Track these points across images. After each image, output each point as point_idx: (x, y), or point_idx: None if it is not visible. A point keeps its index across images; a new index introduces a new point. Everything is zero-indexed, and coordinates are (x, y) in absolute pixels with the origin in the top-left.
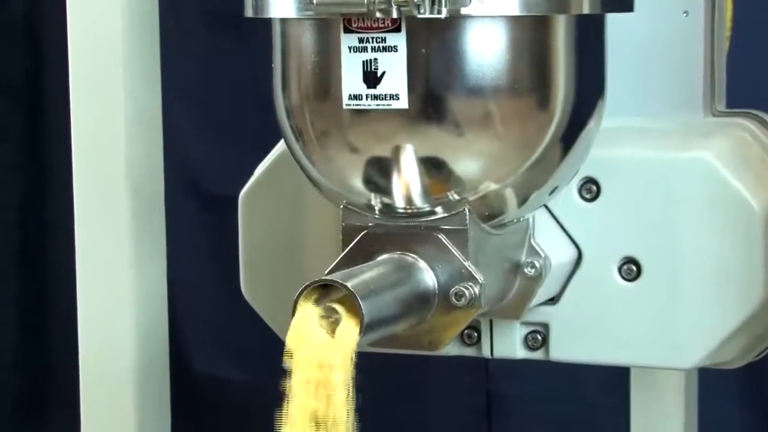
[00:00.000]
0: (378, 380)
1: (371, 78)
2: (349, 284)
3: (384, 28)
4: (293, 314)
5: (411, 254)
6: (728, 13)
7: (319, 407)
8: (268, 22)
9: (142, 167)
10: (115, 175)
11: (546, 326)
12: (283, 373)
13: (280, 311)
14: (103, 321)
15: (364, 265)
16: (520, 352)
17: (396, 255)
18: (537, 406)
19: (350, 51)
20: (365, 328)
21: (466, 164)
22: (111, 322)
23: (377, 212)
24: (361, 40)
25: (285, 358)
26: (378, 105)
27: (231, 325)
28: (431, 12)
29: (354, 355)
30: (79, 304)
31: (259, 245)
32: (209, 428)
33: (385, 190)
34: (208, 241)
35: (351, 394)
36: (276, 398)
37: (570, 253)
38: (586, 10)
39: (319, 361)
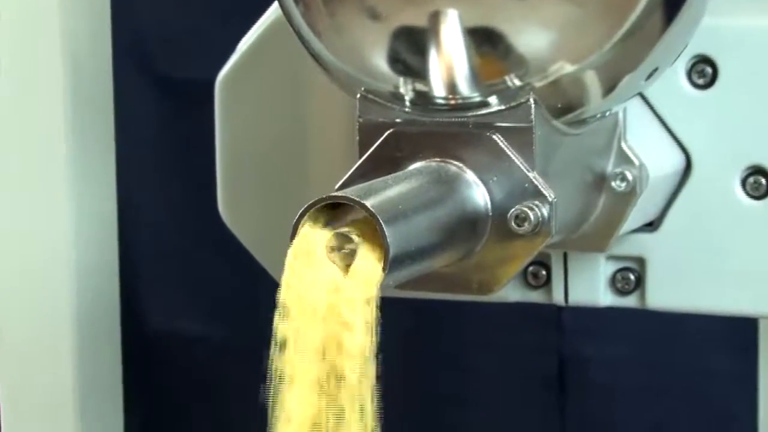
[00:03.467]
0: (410, 339)
1: None
2: (368, 202)
3: None
4: (291, 243)
5: (454, 162)
6: None
7: (327, 377)
8: None
9: (83, 42)
10: (50, 52)
11: (641, 262)
12: (272, 329)
13: (272, 240)
14: (31, 255)
15: (389, 176)
16: (606, 298)
17: (433, 163)
18: (626, 374)
19: None
20: (391, 263)
21: (531, 36)
22: (41, 257)
23: (408, 104)
24: None
25: (278, 307)
26: None
27: (201, 263)
28: None
29: (377, 301)
30: None
31: (242, 149)
32: (171, 399)
33: (418, 73)
34: (170, 144)
35: (372, 356)
36: (259, 363)
37: (675, 160)
38: None
39: (329, 309)
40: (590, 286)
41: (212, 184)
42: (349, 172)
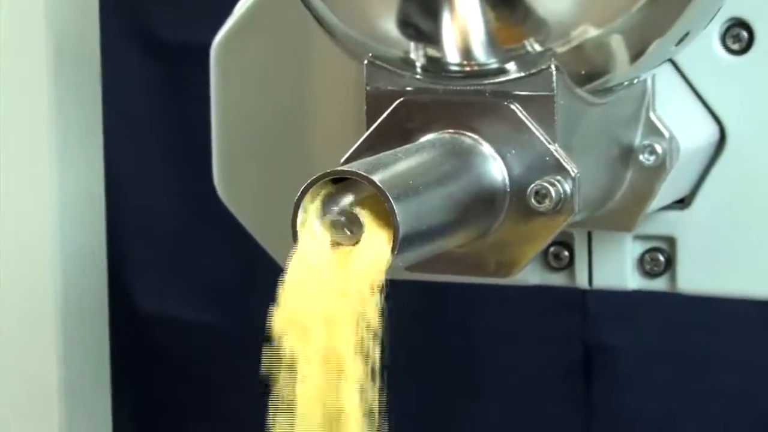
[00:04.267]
0: (421, 326)
1: None
2: (375, 177)
3: None
4: (294, 223)
5: (469, 133)
6: None
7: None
8: None
9: (68, 6)
10: (33, 17)
11: (671, 242)
12: (266, 315)
13: (271, 218)
14: (11, 237)
15: (399, 149)
16: (633, 281)
17: (447, 135)
18: (655, 362)
19: None
20: (401, 243)
21: None
22: (23, 239)
23: (419, 70)
24: None
25: (280, 290)
26: None
27: (195, 244)
28: None
29: (382, 285)
30: None
31: (239, 120)
32: (162, 389)
33: (430, 37)
34: (162, 115)
35: (378, 342)
36: (256, 350)
37: (708, 131)
38: None
39: (333, 293)
40: (616, 268)
41: (207, 158)
42: (356, 145)
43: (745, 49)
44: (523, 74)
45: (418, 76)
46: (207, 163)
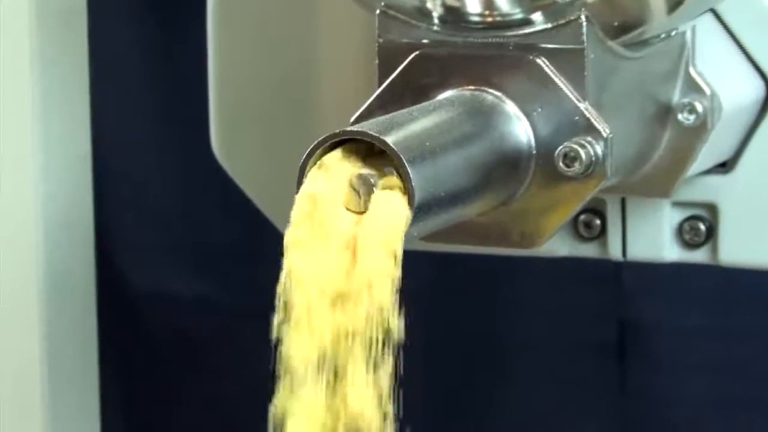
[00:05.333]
0: (441, 302)
1: None
2: (389, 138)
3: None
4: (299, 187)
5: (491, 90)
6: None
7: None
8: None
9: None
10: None
11: (713, 209)
12: (270, 288)
13: (273, 182)
14: None
15: (414, 108)
16: (671, 252)
17: (467, 92)
18: (695, 341)
19: None
20: (416, 211)
21: None
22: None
23: (436, 21)
24: None
25: (283, 265)
26: None
27: (190, 211)
28: None
29: (399, 254)
30: None
31: (240, 76)
32: (154, 368)
33: None
34: (155, 72)
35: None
36: (255, 325)
37: (753, 88)
38: None
39: (345, 266)
40: (653, 237)
41: (204, 119)
42: (367, 103)
43: None
44: (550, 25)
45: (435, 28)
46: (204, 125)
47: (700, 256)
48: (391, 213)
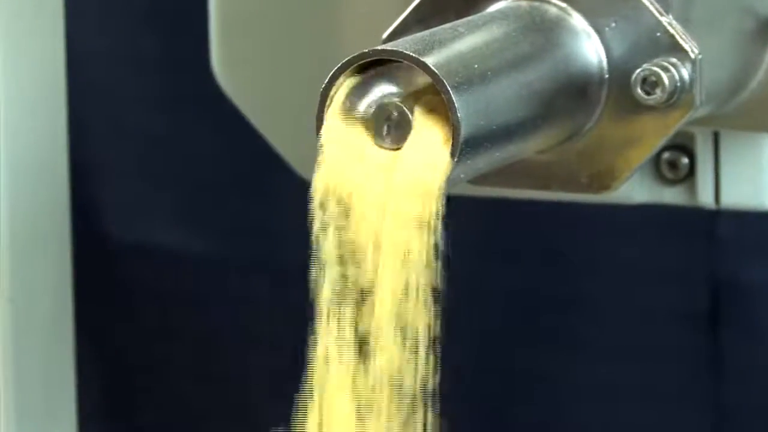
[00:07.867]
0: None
1: None
2: (428, 60)
3: None
4: (319, 119)
5: (554, 0)
6: None
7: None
8: None
9: None
10: None
11: None
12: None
13: (283, 108)
14: None
15: (459, 22)
16: None
17: (524, 2)
18: None
19: None
20: (463, 147)
21: None
22: None
23: None
24: None
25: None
26: None
27: (180, 148)
28: None
29: (442, 200)
30: None
31: None
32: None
33: None
34: None
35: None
36: (252, 282)
37: None
38: None
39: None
40: (752, 181)
41: (202, 34)
42: (402, 16)
43: None
44: None
45: None
46: (201, 41)
47: None
48: (431, 151)
